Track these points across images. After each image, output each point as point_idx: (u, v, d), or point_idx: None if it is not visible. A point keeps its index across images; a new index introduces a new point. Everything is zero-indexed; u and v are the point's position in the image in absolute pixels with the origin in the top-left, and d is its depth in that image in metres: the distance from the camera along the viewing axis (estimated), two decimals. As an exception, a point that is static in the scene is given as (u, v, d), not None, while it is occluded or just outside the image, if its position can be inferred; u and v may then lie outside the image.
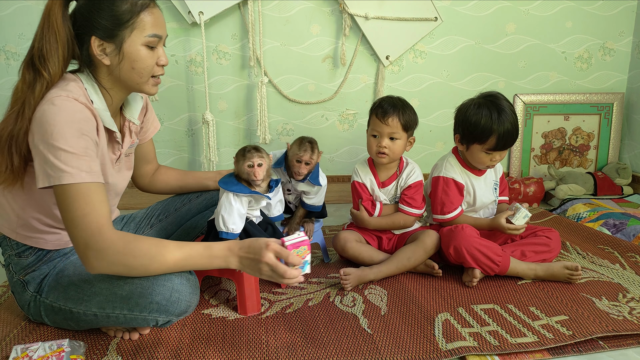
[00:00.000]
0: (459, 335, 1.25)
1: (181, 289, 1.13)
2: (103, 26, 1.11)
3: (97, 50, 1.14)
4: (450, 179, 1.68)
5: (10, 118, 1.08)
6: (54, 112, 1.04)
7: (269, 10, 2.37)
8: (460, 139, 1.69)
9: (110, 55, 1.15)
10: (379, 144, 1.64)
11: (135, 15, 1.13)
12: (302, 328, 1.30)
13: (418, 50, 2.53)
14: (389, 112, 1.62)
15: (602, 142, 2.74)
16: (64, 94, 1.07)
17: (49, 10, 1.10)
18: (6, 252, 1.26)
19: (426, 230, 1.66)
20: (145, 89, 1.22)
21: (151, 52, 1.17)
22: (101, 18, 1.11)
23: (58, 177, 1.02)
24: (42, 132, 1.03)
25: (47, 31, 1.10)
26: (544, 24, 2.59)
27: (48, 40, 1.09)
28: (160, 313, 1.13)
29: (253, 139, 2.51)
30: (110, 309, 1.15)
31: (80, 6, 1.14)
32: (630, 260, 1.73)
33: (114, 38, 1.13)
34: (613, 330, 1.26)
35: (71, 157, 1.03)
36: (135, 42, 1.14)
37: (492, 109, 1.59)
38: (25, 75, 1.10)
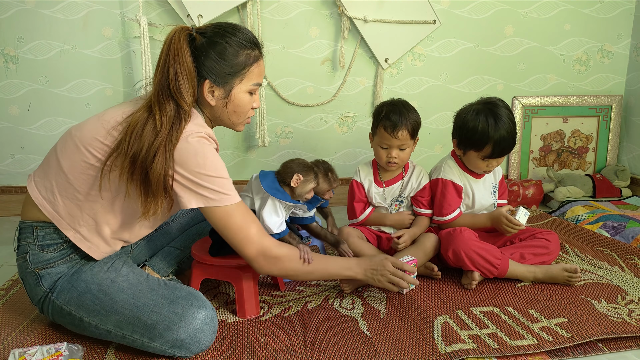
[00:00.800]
0: (458, 338, 1.25)
1: (205, 329, 1.17)
2: (218, 72, 1.20)
3: (207, 91, 1.22)
4: (449, 181, 1.68)
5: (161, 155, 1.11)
6: (199, 147, 1.14)
7: (268, 13, 2.37)
8: (457, 144, 1.69)
9: (217, 99, 1.24)
10: (389, 155, 1.65)
11: (247, 66, 1.23)
12: (301, 331, 1.30)
13: (417, 52, 2.53)
14: (398, 125, 1.60)
15: (601, 145, 2.75)
16: (198, 131, 1.17)
17: (178, 50, 1.16)
18: (26, 239, 1.22)
19: (425, 233, 1.66)
20: (238, 128, 1.34)
21: (251, 97, 1.29)
22: (218, 65, 1.20)
23: (220, 200, 1.16)
24: (194, 165, 1.13)
25: (180, 69, 1.16)
26: (542, 26, 2.59)
27: (183, 77, 1.16)
28: (181, 349, 1.15)
29: (252, 142, 2.52)
30: (129, 332, 1.15)
31: (199, 48, 1.19)
32: (629, 262, 1.73)
33: (225, 84, 1.22)
34: (612, 332, 1.25)
35: (225, 182, 1.17)
36: (242, 90, 1.25)
37: (490, 116, 1.58)
38: (167, 107, 1.14)
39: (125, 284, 1.20)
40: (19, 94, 2.34)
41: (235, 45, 1.20)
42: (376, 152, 1.69)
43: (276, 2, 2.37)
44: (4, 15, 2.25)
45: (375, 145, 1.69)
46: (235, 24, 1.25)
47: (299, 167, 1.38)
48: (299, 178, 1.36)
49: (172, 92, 1.15)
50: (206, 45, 1.19)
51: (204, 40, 1.19)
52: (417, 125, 1.65)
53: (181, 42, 1.16)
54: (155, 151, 1.11)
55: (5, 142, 2.38)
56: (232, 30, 1.22)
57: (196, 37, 1.19)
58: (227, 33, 1.21)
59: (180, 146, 1.13)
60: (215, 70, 1.20)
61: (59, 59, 2.31)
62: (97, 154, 1.16)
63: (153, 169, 1.11)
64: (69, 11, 2.27)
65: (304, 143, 2.55)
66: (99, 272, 1.21)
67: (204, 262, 1.38)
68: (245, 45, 1.22)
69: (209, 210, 1.17)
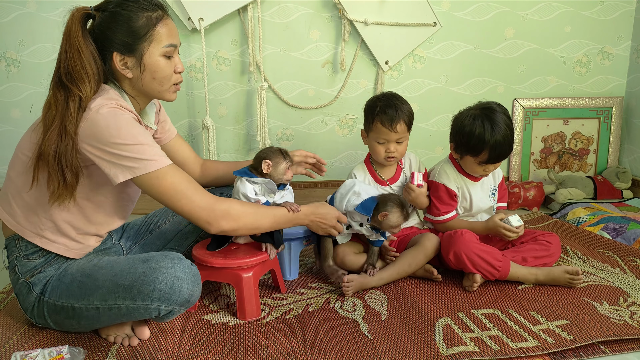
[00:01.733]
0: (459, 340, 1.25)
1: (183, 277, 1.15)
2: (122, 42, 1.19)
3: (119, 64, 1.21)
4: (441, 185, 1.68)
5: (52, 137, 1.12)
6: (110, 117, 1.12)
7: (268, 16, 2.38)
8: (454, 148, 1.69)
9: (132, 69, 1.22)
10: (387, 150, 1.65)
11: (151, 28, 1.20)
12: (302, 333, 1.30)
13: (417, 55, 2.54)
14: (395, 118, 1.60)
15: (602, 146, 2.75)
16: (108, 102, 1.15)
17: (69, 30, 1.16)
18: (13, 254, 1.26)
19: (426, 234, 1.65)
20: (166, 97, 1.30)
21: (169, 61, 1.25)
22: (120, 34, 1.18)
23: (144, 167, 1.13)
24: (107, 136, 1.11)
25: (70, 50, 1.15)
26: (542, 28, 2.60)
27: (72, 57, 1.15)
28: (163, 301, 1.14)
29: (253, 145, 2.52)
30: (113, 300, 1.16)
31: (98, 24, 1.19)
32: (631, 264, 1.73)
33: (133, 52, 1.20)
34: (614, 334, 1.25)
35: (147, 148, 1.14)
36: (154, 54, 1.22)
37: (487, 122, 1.57)
38: (57, 94, 1.16)
39: (104, 263, 1.22)
40: (21, 97, 2.34)
41: (133, 10, 1.18)
42: (372, 148, 1.68)
43: (277, 5, 2.38)
44: (6, 19, 2.25)
45: (371, 142, 1.68)
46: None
47: (265, 154, 1.42)
48: (268, 164, 1.39)
49: (60, 78, 1.16)
50: (105, 18, 1.19)
51: (102, 15, 1.19)
52: (412, 116, 1.66)
53: (74, 24, 1.16)
54: (47, 130, 1.13)
55: (6, 145, 2.38)
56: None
57: (95, 14, 1.19)
58: (124, 1, 1.19)
59: (90, 121, 1.13)
60: (118, 39, 1.18)
61: (61, 62, 2.32)
62: (28, 153, 1.20)
63: (42, 150, 1.13)
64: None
65: (305, 145, 2.55)
66: (84, 264, 1.24)
67: (204, 264, 1.38)
68: (145, 7, 1.20)
69: (140, 181, 1.16)
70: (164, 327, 1.33)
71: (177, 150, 1.54)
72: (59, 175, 1.14)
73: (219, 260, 1.37)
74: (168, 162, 1.17)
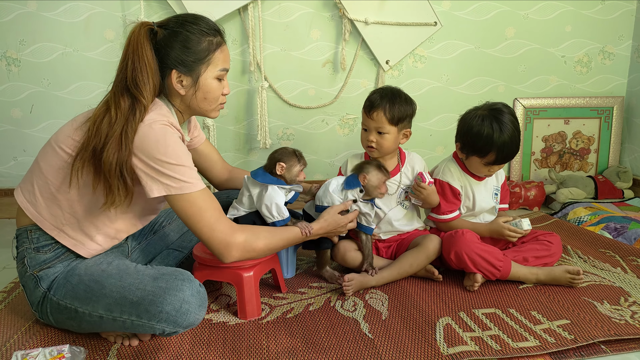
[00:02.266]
0: (460, 340, 1.25)
1: (191, 301, 1.15)
2: (183, 61, 1.24)
3: (175, 81, 1.26)
4: (446, 184, 1.68)
5: (114, 144, 1.15)
6: (161, 134, 1.17)
7: (269, 15, 2.38)
8: (460, 148, 1.68)
9: (187, 87, 1.27)
10: (367, 138, 1.62)
11: (211, 52, 1.27)
12: (303, 333, 1.30)
13: (418, 54, 2.54)
14: (374, 106, 1.58)
15: (603, 146, 2.74)
16: (161, 119, 1.20)
17: (138, 43, 1.20)
18: (23, 244, 1.26)
19: (428, 235, 1.65)
20: (212, 115, 1.37)
21: (220, 83, 1.32)
22: (182, 54, 1.23)
23: (180, 187, 1.17)
24: (155, 152, 1.15)
25: (138, 62, 1.19)
26: (543, 28, 2.59)
27: (140, 70, 1.19)
28: (169, 323, 1.14)
29: (253, 144, 2.52)
30: (118, 313, 1.16)
31: (162, 40, 1.23)
32: (632, 264, 1.73)
33: (191, 72, 1.26)
34: (615, 334, 1.25)
35: (187, 170, 1.19)
36: (209, 76, 1.29)
37: (495, 123, 1.57)
38: (121, 101, 1.18)
39: (114, 271, 1.22)
40: (21, 97, 2.34)
41: (197, 32, 1.24)
42: (361, 136, 1.67)
43: (277, 5, 2.38)
44: (6, 18, 2.25)
45: (362, 131, 1.67)
46: (194, 14, 1.30)
47: (280, 156, 1.46)
48: (282, 166, 1.43)
49: (128, 86, 1.19)
50: (168, 36, 1.23)
51: (165, 32, 1.23)
52: (400, 113, 1.58)
53: (141, 37, 1.20)
54: (109, 141, 1.14)
55: (7, 144, 2.38)
56: (192, 20, 1.26)
57: (158, 30, 1.23)
58: (187, 22, 1.25)
59: (141, 133, 1.16)
60: (180, 59, 1.23)
61: (61, 61, 2.32)
62: (68, 150, 1.21)
63: (104, 158, 1.14)
64: (70, 14, 2.28)
65: (306, 145, 2.55)
66: (92, 266, 1.24)
67: (204, 263, 1.38)
68: (206, 32, 1.26)
69: (172, 199, 1.20)
70: (165, 326, 1.33)
71: (207, 154, 1.61)
72: (120, 181, 1.16)
73: (220, 259, 1.36)
74: (202, 187, 1.21)
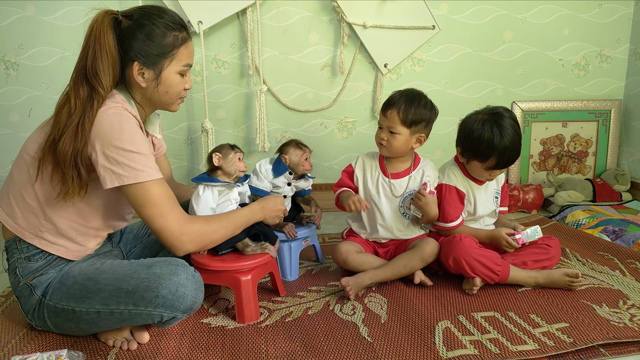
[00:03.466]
0: (459, 344, 1.25)
1: (187, 284, 1.15)
2: (147, 54, 1.22)
3: (136, 73, 1.24)
4: (453, 187, 1.67)
5: (71, 134, 1.14)
6: (116, 120, 1.15)
7: (267, 19, 2.38)
8: (461, 152, 1.68)
9: (148, 80, 1.25)
10: (379, 135, 1.65)
11: (176, 47, 1.25)
12: (301, 337, 1.30)
13: (416, 58, 2.54)
14: (390, 104, 1.61)
15: (601, 149, 2.75)
16: (116, 105, 1.18)
17: (100, 31, 1.17)
18: (13, 255, 1.26)
19: (425, 238, 1.65)
20: (172, 108, 1.35)
21: (182, 78, 1.30)
22: (146, 47, 1.21)
23: (133, 177, 1.14)
24: (109, 137, 1.13)
25: (99, 51, 1.17)
26: (540, 31, 2.60)
27: (101, 59, 1.17)
28: (166, 308, 1.14)
29: (252, 147, 2.52)
30: (115, 305, 1.16)
31: (126, 30, 1.21)
32: (630, 266, 1.73)
33: (154, 66, 1.24)
34: (614, 337, 1.25)
35: (141, 158, 1.15)
36: (172, 71, 1.27)
37: (495, 128, 1.56)
38: (80, 90, 1.16)
39: (107, 267, 1.23)
40: (20, 101, 2.34)
41: (163, 26, 1.22)
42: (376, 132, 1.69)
43: (276, 8, 2.38)
44: (5, 22, 2.25)
45: None
46: (160, 7, 1.27)
47: (215, 149, 1.47)
48: (218, 157, 1.44)
49: (87, 75, 1.17)
50: (133, 27, 1.21)
51: (130, 22, 1.21)
52: (416, 117, 1.58)
53: (104, 25, 1.18)
54: (66, 131, 1.14)
55: (5, 149, 2.38)
56: (158, 12, 1.24)
57: (122, 20, 1.21)
58: (153, 15, 1.22)
59: (97, 119, 1.15)
60: (143, 51, 1.21)
61: (60, 65, 2.32)
62: (32, 154, 1.21)
63: (59, 148, 1.14)
64: (69, 18, 2.28)
65: (304, 148, 2.55)
66: (86, 267, 1.25)
67: (202, 267, 1.38)
68: (172, 26, 1.24)
69: (125, 190, 1.17)
70: (163, 330, 1.33)
71: (163, 168, 1.54)
72: (74, 171, 1.15)
73: (218, 263, 1.36)
74: (158, 177, 1.18)
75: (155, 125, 1.43)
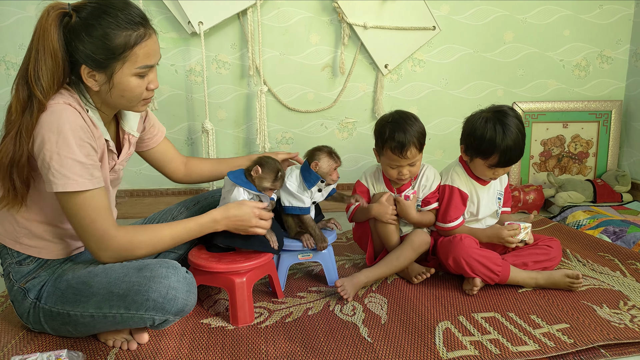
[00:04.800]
0: (459, 344, 1.24)
1: (178, 287, 1.14)
2: (93, 58, 1.11)
3: (86, 76, 1.14)
4: (456, 189, 1.67)
5: (9, 143, 1.09)
6: (54, 120, 1.08)
7: (268, 20, 2.38)
8: (465, 150, 1.68)
9: (100, 83, 1.15)
10: (400, 173, 1.61)
11: (128, 49, 1.12)
12: (301, 337, 1.30)
13: (417, 58, 2.54)
14: (405, 144, 1.55)
15: (601, 150, 2.75)
16: (59, 101, 1.11)
17: (44, 30, 1.08)
18: (6, 260, 1.26)
19: (415, 230, 1.65)
20: (136, 110, 1.25)
21: (141, 80, 1.18)
22: (92, 49, 1.10)
23: (62, 185, 1.09)
24: (45, 139, 1.08)
25: (43, 52, 1.09)
26: (541, 32, 2.60)
27: (44, 61, 1.09)
28: (157, 311, 1.13)
29: (252, 148, 2.52)
30: (107, 309, 1.15)
31: (71, 29, 1.11)
32: (631, 267, 1.73)
33: (105, 69, 1.13)
34: (614, 338, 1.25)
35: (74, 165, 1.09)
36: (126, 74, 1.14)
37: (498, 126, 1.56)
38: (20, 95, 1.10)
39: (100, 270, 1.20)
40: (20, 101, 2.34)
41: (113, 26, 1.09)
42: (385, 170, 1.66)
43: (276, 9, 2.38)
44: (5, 23, 2.26)
45: (384, 165, 1.65)
46: (118, 0, 1.13)
47: (264, 163, 1.42)
48: (257, 170, 1.40)
49: (28, 79, 1.09)
50: (80, 27, 1.09)
51: (78, 20, 1.10)
52: (423, 136, 1.61)
53: (49, 22, 1.08)
54: (4, 140, 1.10)
55: (6, 148, 2.38)
56: (111, 10, 1.10)
57: (72, 14, 1.10)
58: (103, 13, 1.09)
59: (42, 119, 1.09)
60: (88, 54, 1.10)
61: (60, 65, 2.32)
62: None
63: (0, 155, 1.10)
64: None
65: (304, 149, 2.50)
66: (79, 270, 1.23)
67: (198, 268, 1.37)
68: (123, 25, 1.10)
69: (58, 196, 1.12)
70: (163, 331, 1.32)
71: (166, 151, 1.53)
72: (9, 182, 1.12)
73: (213, 264, 1.36)
74: (90, 187, 1.11)
75: (132, 121, 1.34)
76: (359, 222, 1.76)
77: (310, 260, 1.58)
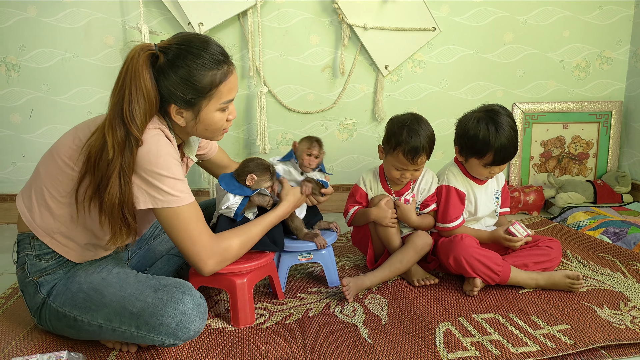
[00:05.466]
0: (460, 345, 1.24)
1: (192, 314, 1.14)
2: (183, 98, 1.17)
3: (174, 113, 1.20)
4: (452, 188, 1.67)
5: (115, 184, 1.11)
6: (153, 144, 1.14)
7: (268, 21, 2.38)
8: (459, 151, 1.68)
9: (187, 119, 1.22)
10: (403, 175, 1.63)
11: (214, 87, 1.18)
12: (302, 338, 1.30)
13: (417, 59, 2.54)
14: (419, 151, 1.57)
15: (601, 150, 2.75)
16: (155, 128, 1.17)
17: (136, 72, 1.12)
18: (24, 250, 1.24)
19: (416, 232, 1.65)
20: (215, 139, 1.33)
21: (223, 113, 1.25)
22: (182, 91, 1.16)
23: (168, 201, 1.15)
24: (146, 161, 1.13)
25: (135, 93, 1.12)
26: (541, 33, 2.60)
27: (138, 102, 1.13)
28: (169, 336, 1.13)
29: (253, 149, 2.52)
30: (118, 324, 1.15)
31: (161, 70, 1.15)
32: (631, 268, 1.73)
33: (192, 107, 1.20)
34: (615, 339, 1.25)
35: (177, 183, 1.15)
36: (211, 110, 1.22)
37: (491, 124, 1.57)
38: (117, 133, 1.11)
39: (114, 280, 1.21)
40: (21, 102, 2.34)
41: (200, 68, 1.15)
42: (388, 170, 1.66)
43: (277, 10, 2.38)
44: (6, 24, 2.26)
45: (388, 164, 1.65)
46: (201, 39, 1.18)
47: (255, 167, 1.42)
48: (253, 178, 1.41)
49: (124, 118, 1.12)
50: (168, 68, 1.14)
51: (166, 60, 1.14)
52: (434, 144, 1.63)
53: (140, 64, 1.12)
54: (109, 182, 1.11)
55: (6, 150, 2.38)
56: (195, 51, 1.15)
57: (159, 55, 1.15)
58: (190, 54, 1.15)
59: (141, 152, 1.13)
60: (178, 94, 1.16)
61: (61, 67, 2.32)
62: (66, 160, 1.19)
63: (105, 200, 1.12)
64: (70, 19, 2.28)
65: (305, 150, 2.55)
66: (92, 274, 1.23)
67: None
68: (210, 66, 1.16)
69: (157, 212, 1.17)
70: (164, 332, 1.33)
71: (221, 160, 1.61)
72: (120, 222, 1.15)
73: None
74: (190, 200, 1.18)
75: (193, 148, 1.41)
76: (357, 226, 1.76)
77: (311, 261, 1.58)
